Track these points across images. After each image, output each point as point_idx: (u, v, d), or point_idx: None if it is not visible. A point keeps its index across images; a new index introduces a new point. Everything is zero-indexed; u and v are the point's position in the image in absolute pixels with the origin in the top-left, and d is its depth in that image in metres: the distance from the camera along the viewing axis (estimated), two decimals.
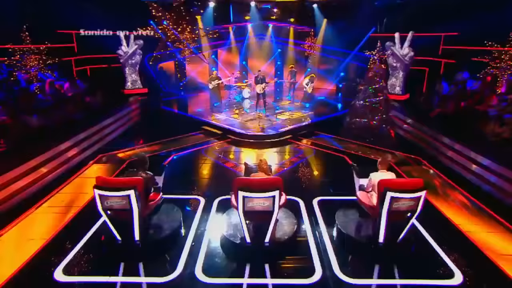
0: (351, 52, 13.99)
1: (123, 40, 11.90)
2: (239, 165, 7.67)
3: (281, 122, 10.38)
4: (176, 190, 6.06)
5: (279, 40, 15.50)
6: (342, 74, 15.06)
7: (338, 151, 8.52)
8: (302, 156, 8.34)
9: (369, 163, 7.49)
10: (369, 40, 13.40)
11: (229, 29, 15.15)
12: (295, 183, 6.75)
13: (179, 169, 7.46)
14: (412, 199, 4.17)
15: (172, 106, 12.34)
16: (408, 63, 11.15)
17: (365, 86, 9.69)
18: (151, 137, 9.26)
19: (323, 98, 13.66)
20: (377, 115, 9.46)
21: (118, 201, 4.25)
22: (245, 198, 4.30)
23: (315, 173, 7.41)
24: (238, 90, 12.17)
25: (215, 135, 9.68)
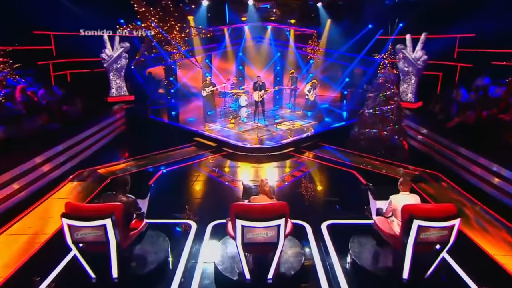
0: (357, 56, 13.92)
1: (107, 43, 11.64)
2: (236, 180, 7.43)
3: (281, 133, 10.19)
4: (163, 213, 5.76)
5: (278, 43, 15.43)
6: (347, 80, 14.93)
7: (346, 166, 8.28)
8: (306, 171, 8.08)
9: (382, 179, 7.47)
10: (377, 42, 13.30)
11: (224, 31, 14.97)
12: (299, 203, 6.44)
13: (168, 187, 7.16)
14: (443, 228, 3.73)
15: (161, 115, 12.15)
16: (421, 67, 10.96)
17: (375, 93, 9.37)
18: (138, 150, 9.04)
19: (326, 106, 13.55)
20: (389, 125, 9.16)
21: (91, 232, 3.78)
22: (244, 227, 3.84)
23: (321, 191, 7.14)
24: (234, 97, 12.07)
25: (209, 148, 9.43)
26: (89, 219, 3.76)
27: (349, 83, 14.92)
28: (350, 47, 13.98)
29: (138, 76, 13.18)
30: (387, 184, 7.12)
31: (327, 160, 8.70)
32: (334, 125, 11.08)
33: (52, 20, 10.72)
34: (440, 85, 11.91)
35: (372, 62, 13.19)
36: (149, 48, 12.53)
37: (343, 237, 5.08)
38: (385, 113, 9.20)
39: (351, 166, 8.24)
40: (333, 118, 11.94)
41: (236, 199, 6.45)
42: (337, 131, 10.65)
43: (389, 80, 9.24)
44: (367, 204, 6.04)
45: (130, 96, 12.18)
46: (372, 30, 13.57)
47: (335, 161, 8.62)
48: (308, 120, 11.70)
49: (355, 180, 7.54)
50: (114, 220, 3.84)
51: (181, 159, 8.55)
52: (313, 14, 13.85)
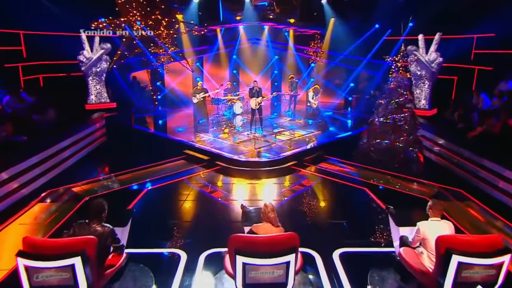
0: (364, 59, 13.79)
1: (85, 43, 11.30)
2: (231, 199, 7.20)
3: (281, 144, 10.01)
4: (148, 241, 5.39)
5: (276, 45, 15.31)
6: (352, 85, 14.81)
7: (356, 182, 8.04)
8: (311, 188, 7.81)
9: (399, 198, 7.22)
10: (385, 44, 13.15)
11: (217, 32, 14.79)
12: (305, 227, 6.08)
13: (154, 208, 6.80)
14: (490, 266, 3.28)
15: (146, 125, 12.01)
16: (436, 70, 10.70)
17: (386, 100, 9.11)
18: (120, 164, 8.84)
19: (330, 114, 13.41)
20: (402, 135, 8.84)
21: (56, 275, 3.27)
22: (246, 265, 3.35)
23: (329, 211, 6.84)
24: (228, 104, 12.09)
25: (201, 162, 9.17)
26: (54, 258, 3.26)
27: (354, 88, 14.80)
28: (355, 49, 13.89)
29: (121, 81, 13.01)
30: (406, 203, 6.93)
31: (334, 175, 8.48)
32: (339, 135, 10.87)
33: (23, 17, 10.41)
34: (455, 90, 11.74)
35: (380, 66, 13.04)
36: (130, 47, 12.08)
37: (360, 269, 4.74)
38: (397, 122, 8.92)
39: (362, 182, 8.00)
40: (338, 127, 11.75)
41: (233, 221, 6.24)
42: (343, 142, 10.46)
43: (402, 85, 8.95)
44: (385, 227, 5.80)
45: (111, 103, 11.92)
46: (379, 30, 13.49)
47: (343, 176, 8.37)
48: (311, 130, 11.53)
49: (368, 199, 7.22)
50: (86, 258, 3.34)
51: (169, 175, 8.30)
52: (316, 12, 13.72)
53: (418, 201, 6.88)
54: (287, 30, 14.93)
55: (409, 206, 6.24)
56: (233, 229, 5.78)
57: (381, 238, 5.65)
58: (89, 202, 4.01)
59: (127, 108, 12.39)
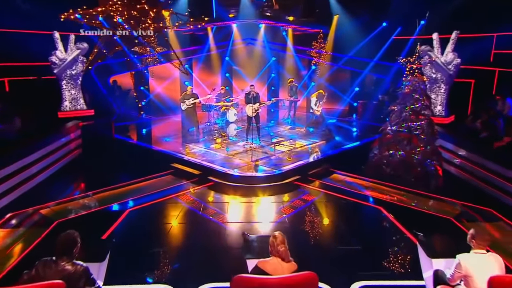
0: (371, 60, 13.67)
1: (58, 43, 10.99)
2: (226, 219, 6.98)
3: (282, 156, 9.88)
4: (129, 276, 5.06)
5: (274, 46, 15.27)
6: (357, 89, 14.71)
7: (368, 200, 7.87)
8: (314, 206, 7.67)
9: (417, 217, 7.04)
10: (395, 44, 12.99)
11: (208, 31, 14.62)
12: (311, 253, 5.81)
13: (138, 233, 6.52)
14: None
15: (129, 135, 11.94)
16: (453, 73, 10.46)
17: (400, 106, 8.98)
18: (98, 180, 8.66)
19: (334, 122, 13.36)
20: (419, 145, 8.64)
21: None
22: None
23: (339, 235, 6.54)
24: (220, 111, 11.97)
25: (191, 177, 8.99)
26: None
27: (360, 93, 14.70)
28: (362, 50, 13.78)
29: (100, 85, 12.83)
30: (429, 224, 6.70)
31: (342, 191, 8.30)
32: (346, 146, 10.77)
33: None
34: (472, 94, 11.54)
35: (388, 68, 12.88)
36: (109, 44, 11.75)
37: None
38: (413, 131, 8.75)
39: (375, 200, 7.80)
40: (344, 137, 11.69)
41: (230, 247, 6.01)
42: (351, 154, 10.37)
43: (418, 89, 8.82)
44: (409, 255, 5.56)
45: (88, 111, 11.71)
46: (388, 29, 13.35)
47: (353, 193, 8.19)
48: (313, 139, 11.42)
49: (384, 219, 6.99)
50: None
51: (155, 192, 8.11)
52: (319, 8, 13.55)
53: (442, 222, 6.71)
54: (286, 29, 14.84)
55: (439, 231, 5.93)
56: (231, 258, 5.59)
57: (406, 268, 5.29)
58: (58, 235, 3.57)
59: (106, 116, 12.22)
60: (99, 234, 5.97)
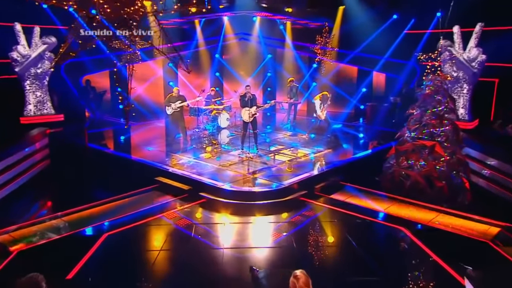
0: (381, 58, 13.68)
1: (20, 36, 10.99)
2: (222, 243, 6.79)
3: (283, 167, 9.78)
4: None
5: (270, 41, 15.37)
6: (364, 90, 14.76)
7: (387, 219, 7.66)
8: (326, 229, 7.50)
9: (449, 240, 6.84)
10: (408, 39, 12.99)
11: (195, 24, 14.59)
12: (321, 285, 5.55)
13: (117, 264, 6.25)
14: None
15: (105, 144, 11.85)
16: (477, 71, 10.57)
17: (420, 110, 8.89)
18: (68, 198, 8.46)
19: (340, 127, 13.43)
20: (443, 155, 8.46)
21: None
22: None
23: (354, 262, 6.33)
24: (211, 116, 11.97)
25: (179, 193, 8.83)
26: None
27: (367, 94, 14.78)
28: (370, 45, 13.77)
29: (71, 86, 12.82)
30: (464, 249, 6.45)
31: (354, 208, 8.15)
32: (357, 155, 10.80)
33: None
34: (496, 95, 11.48)
35: (401, 66, 12.98)
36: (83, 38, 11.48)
37: None
38: (436, 138, 8.66)
39: (395, 218, 7.58)
40: (352, 144, 11.82)
41: (230, 278, 5.89)
42: (362, 164, 10.36)
43: (441, 90, 8.76)
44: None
45: (57, 116, 11.65)
46: (399, 21, 13.35)
47: (368, 210, 8.05)
48: (318, 148, 11.38)
49: (408, 242, 6.80)
50: None
51: (137, 211, 7.89)
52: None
53: (478, 246, 6.54)
54: (284, 22, 14.85)
55: (480, 259, 5.82)
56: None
57: None
58: (17, 280, 3.20)
59: (78, 122, 12.25)
60: (69, 267, 5.65)
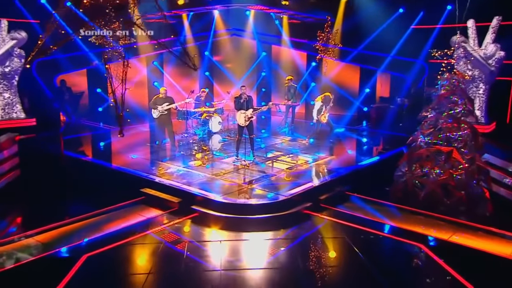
0: (387, 55, 13.77)
1: None
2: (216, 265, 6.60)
3: (285, 176, 9.73)
4: None
5: (265, 38, 15.36)
6: (367, 91, 14.87)
7: (402, 234, 7.52)
8: (330, 246, 7.38)
9: (477, 259, 6.72)
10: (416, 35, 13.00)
11: (183, 19, 14.62)
12: None
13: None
14: None
15: (82, 151, 11.82)
16: (495, 69, 10.59)
17: (435, 112, 8.91)
18: (41, 214, 8.27)
19: (343, 131, 13.49)
20: (461, 162, 8.43)
21: None
22: None
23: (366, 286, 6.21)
24: (201, 119, 12.01)
25: (168, 206, 8.70)
26: None
27: (371, 95, 14.87)
28: (374, 42, 13.87)
29: (44, 87, 12.61)
30: (498, 271, 6.26)
31: (363, 221, 8.02)
32: (363, 162, 10.71)
33: None
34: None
35: (409, 65, 13.08)
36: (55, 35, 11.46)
37: None
38: (453, 143, 8.61)
39: (410, 234, 7.46)
40: (358, 150, 11.88)
41: None
42: (370, 172, 10.31)
43: (458, 90, 8.75)
44: None
45: (28, 120, 11.58)
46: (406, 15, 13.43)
47: (378, 224, 7.95)
48: (320, 154, 11.34)
49: (427, 261, 6.65)
50: None
51: (121, 228, 7.73)
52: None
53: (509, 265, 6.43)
54: (281, 16, 14.89)
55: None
56: None
57: None
58: None
59: (52, 127, 12.05)
60: None
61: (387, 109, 13.86)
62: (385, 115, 13.67)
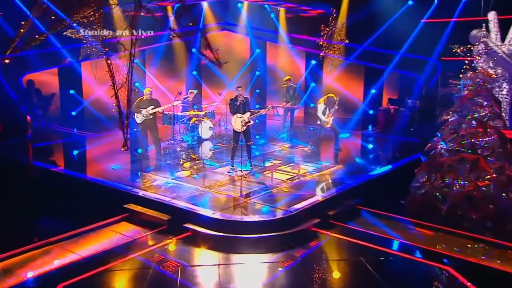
0: (396, 53, 13.83)
1: None
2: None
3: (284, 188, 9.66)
4: None
5: (260, 33, 15.38)
6: (373, 91, 14.95)
7: (426, 255, 7.36)
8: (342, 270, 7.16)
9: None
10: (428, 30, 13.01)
11: (168, 11, 14.62)
12: None
13: None
14: None
15: (53, 161, 11.67)
16: None
17: (458, 115, 8.96)
18: (5, 236, 7.96)
19: (348, 136, 13.59)
20: (488, 171, 8.39)
21: None
22: None
23: None
24: (189, 124, 12.15)
25: (156, 225, 8.47)
26: None
27: (378, 97, 14.95)
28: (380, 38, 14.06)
29: (7, 87, 12.38)
30: None
31: (377, 240, 7.86)
32: (374, 172, 10.64)
33: None
34: None
35: (421, 63, 13.13)
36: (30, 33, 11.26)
37: None
38: (478, 151, 8.59)
39: (433, 255, 7.28)
40: (367, 158, 11.95)
41: None
42: (382, 183, 10.23)
43: (483, 91, 8.79)
44: None
45: None
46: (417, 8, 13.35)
47: (397, 244, 7.84)
48: (325, 163, 11.33)
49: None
50: None
51: (101, 252, 7.46)
52: None
53: None
54: (277, 9, 14.92)
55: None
56: None
57: None
58: None
59: (18, 133, 11.80)
60: None
61: (396, 112, 13.90)
62: (394, 118, 13.70)
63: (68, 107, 14.57)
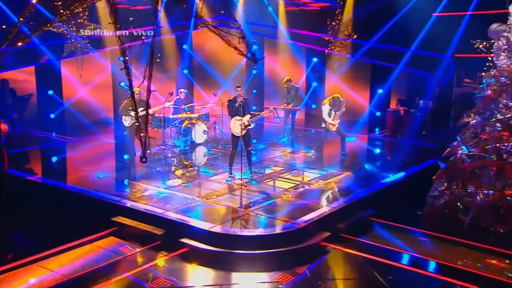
0: (406, 50, 13.85)
1: None
2: None
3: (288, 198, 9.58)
4: None
5: (257, 28, 15.37)
6: (380, 91, 14.98)
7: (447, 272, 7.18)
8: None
9: None
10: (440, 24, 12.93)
11: (157, 5, 13.88)
12: None
13: None
14: None
15: (30, 168, 11.58)
16: None
17: (481, 117, 8.83)
18: None
19: (354, 140, 13.65)
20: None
21: None
22: None
23: None
24: (182, 127, 12.30)
25: (149, 240, 8.26)
26: None
27: (385, 97, 14.99)
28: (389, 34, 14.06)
29: None
30: None
31: (392, 255, 7.74)
32: (386, 180, 10.54)
33: None
34: None
35: (434, 61, 13.11)
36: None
37: None
38: (503, 156, 8.50)
39: (457, 272, 7.12)
40: (376, 165, 11.88)
41: None
42: (396, 192, 10.11)
43: (509, 90, 8.64)
44: None
45: None
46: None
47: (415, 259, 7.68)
48: (332, 170, 11.26)
49: None
50: None
51: (88, 272, 7.19)
52: None
53: None
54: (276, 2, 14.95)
55: None
56: None
57: None
58: None
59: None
60: None
61: (406, 114, 13.92)
62: (404, 120, 13.73)
63: (46, 109, 14.46)
